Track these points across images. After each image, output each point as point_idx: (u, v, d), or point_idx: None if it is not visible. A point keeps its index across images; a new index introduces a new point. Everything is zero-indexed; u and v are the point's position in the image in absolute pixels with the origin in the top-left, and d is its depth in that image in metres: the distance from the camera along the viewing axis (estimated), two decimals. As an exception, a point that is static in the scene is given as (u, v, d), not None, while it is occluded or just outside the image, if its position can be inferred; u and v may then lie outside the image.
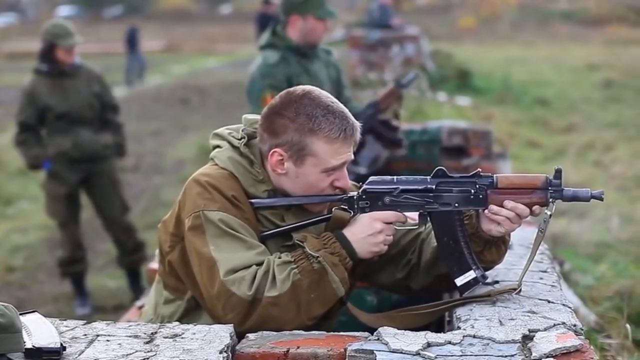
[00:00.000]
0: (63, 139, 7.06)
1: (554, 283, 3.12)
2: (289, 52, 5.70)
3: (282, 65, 5.65)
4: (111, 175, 7.41)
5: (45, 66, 7.11)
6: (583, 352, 2.50)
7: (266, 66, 5.66)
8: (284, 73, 5.61)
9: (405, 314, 3.04)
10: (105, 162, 7.33)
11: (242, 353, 2.59)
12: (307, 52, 5.76)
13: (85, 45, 29.93)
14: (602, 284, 6.49)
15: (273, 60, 5.68)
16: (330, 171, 2.94)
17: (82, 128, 7.13)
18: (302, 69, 5.70)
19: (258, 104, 5.35)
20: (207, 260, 2.84)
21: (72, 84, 7.14)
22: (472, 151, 6.97)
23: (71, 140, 7.07)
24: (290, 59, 5.68)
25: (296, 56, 5.72)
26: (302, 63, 5.73)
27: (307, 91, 2.97)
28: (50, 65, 7.09)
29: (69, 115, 7.08)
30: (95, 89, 7.25)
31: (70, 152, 7.07)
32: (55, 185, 7.15)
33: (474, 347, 2.53)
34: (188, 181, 2.98)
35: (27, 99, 7.09)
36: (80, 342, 2.56)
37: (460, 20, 40.08)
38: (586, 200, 2.86)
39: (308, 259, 2.84)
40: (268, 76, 5.61)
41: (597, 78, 20.28)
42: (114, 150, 7.37)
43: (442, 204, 2.92)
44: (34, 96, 7.06)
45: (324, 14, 5.75)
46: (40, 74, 7.14)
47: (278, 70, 5.62)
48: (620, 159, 12.26)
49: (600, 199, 2.84)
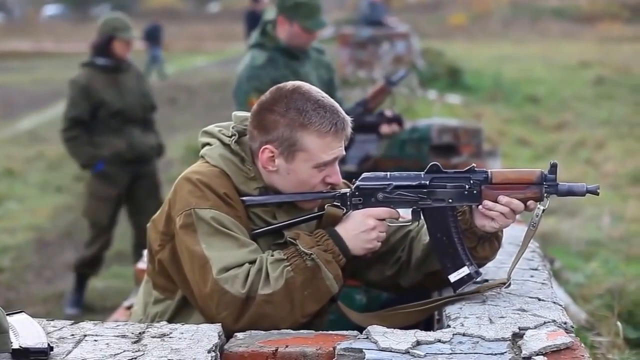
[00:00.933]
0: (117, 139, 6.89)
1: (545, 281, 3.11)
2: (277, 53, 5.60)
3: (269, 68, 5.56)
4: (155, 177, 7.31)
5: (103, 60, 6.90)
6: (573, 349, 2.49)
7: (253, 68, 5.59)
8: (270, 76, 5.51)
9: (394, 312, 3.02)
10: (150, 164, 7.23)
11: (231, 352, 2.57)
12: (296, 54, 5.66)
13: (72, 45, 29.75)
14: (593, 282, 6.48)
15: (260, 62, 5.59)
16: (321, 167, 2.92)
17: (133, 127, 6.98)
18: (290, 71, 5.58)
19: (244, 107, 5.28)
20: (199, 258, 2.82)
21: (125, 80, 6.97)
22: (462, 149, 6.96)
23: (125, 140, 6.91)
24: (279, 61, 5.59)
25: (284, 57, 5.62)
26: (290, 65, 5.63)
27: (297, 86, 2.97)
28: (107, 59, 6.90)
29: (122, 114, 6.90)
30: (142, 88, 7.13)
31: (124, 153, 6.90)
32: (105, 186, 6.98)
33: (463, 345, 2.51)
34: (178, 179, 2.96)
35: (80, 93, 6.81)
36: (67, 342, 2.54)
37: (451, 17, 40.10)
38: (582, 195, 2.84)
39: (301, 256, 2.83)
40: (254, 78, 5.54)
41: (588, 75, 20.29)
42: (156, 151, 7.27)
43: (435, 200, 2.90)
44: (89, 90, 6.80)
45: (312, 26, 5.57)
46: (94, 68, 6.91)
47: (264, 73, 5.54)
48: (611, 156, 12.28)
49: (596, 193, 2.82)
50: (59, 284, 7.66)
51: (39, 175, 12.08)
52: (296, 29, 5.56)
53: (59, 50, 30.07)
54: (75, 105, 6.83)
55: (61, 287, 7.53)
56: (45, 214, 10.00)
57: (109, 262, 8.18)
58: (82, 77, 6.90)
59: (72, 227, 9.46)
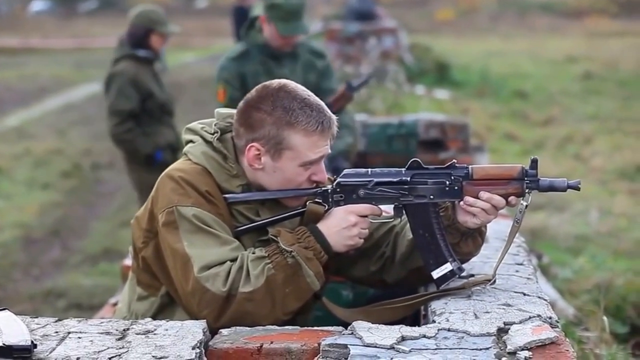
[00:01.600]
0: (166, 129, 6.85)
1: (530, 276, 3.11)
2: (256, 49, 5.61)
3: (240, 61, 5.56)
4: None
5: (143, 51, 6.79)
6: (558, 344, 2.49)
7: (226, 59, 5.64)
8: (237, 70, 5.52)
9: (380, 308, 3.03)
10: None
11: (216, 349, 2.57)
12: (276, 54, 5.61)
13: (59, 41, 29.58)
14: (581, 277, 6.49)
15: (234, 54, 5.63)
16: (308, 165, 2.92)
17: (171, 118, 6.94)
18: (263, 68, 5.56)
19: (216, 96, 5.32)
20: (181, 256, 2.82)
21: (157, 73, 6.91)
22: (450, 144, 6.98)
23: (172, 130, 6.86)
24: (254, 56, 5.58)
25: (262, 55, 5.60)
26: (266, 62, 5.60)
27: (282, 84, 2.96)
28: (147, 50, 6.80)
29: (165, 105, 6.86)
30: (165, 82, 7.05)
31: (174, 143, 6.83)
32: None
33: (448, 340, 2.52)
34: (161, 176, 2.96)
35: (131, 86, 6.67)
36: (51, 340, 2.54)
37: (438, 12, 40.06)
38: (563, 190, 2.84)
39: (282, 253, 2.82)
40: (224, 69, 5.59)
41: (576, 70, 20.30)
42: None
43: (417, 196, 2.90)
44: (138, 82, 6.70)
45: (284, 31, 5.49)
46: (136, 60, 6.79)
47: (234, 65, 5.56)
48: (599, 151, 12.29)
49: (577, 188, 2.82)
50: (46, 282, 7.63)
51: (26, 172, 12.02)
52: (274, 30, 5.52)
53: (46, 46, 29.95)
54: (126, 98, 6.68)
55: (48, 285, 7.50)
56: (32, 211, 9.95)
57: (97, 259, 8.17)
58: (128, 69, 6.75)
59: (59, 224, 9.43)
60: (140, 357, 2.40)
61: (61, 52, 28.49)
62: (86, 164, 12.41)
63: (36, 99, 18.73)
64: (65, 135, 14.45)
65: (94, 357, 2.41)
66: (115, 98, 6.71)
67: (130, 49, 6.82)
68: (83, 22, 41.86)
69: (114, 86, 6.72)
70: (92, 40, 30.99)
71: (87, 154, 13.00)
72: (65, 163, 12.36)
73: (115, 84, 6.73)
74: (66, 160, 12.54)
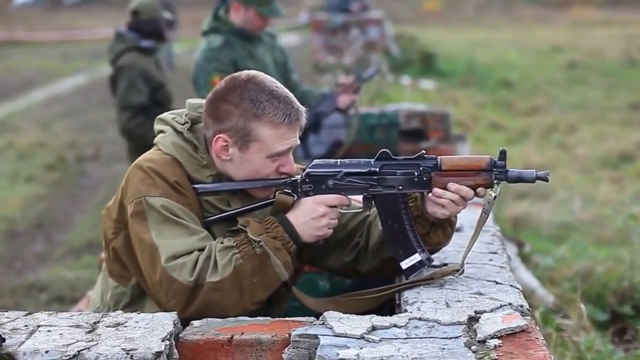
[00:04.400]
0: None
1: (503, 264, 3.11)
2: (233, 36, 5.70)
3: (226, 49, 5.65)
4: None
5: (147, 42, 6.72)
6: (528, 332, 2.49)
7: (210, 50, 5.66)
8: (229, 56, 5.61)
9: (350, 299, 3.03)
10: None
11: (186, 340, 2.56)
12: (250, 36, 5.76)
13: (43, 33, 29.47)
14: (562, 265, 6.51)
15: (217, 44, 5.67)
16: (275, 157, 2.91)
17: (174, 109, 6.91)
18: (246, 52, 5.70)
19: (206, 89, 5.30)
20: (148, 246, 2.81)
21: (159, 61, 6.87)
22: (431, 134, 6.98)
23: None
24: (235, 43, 5.67)
25: (240, 40, 5.71)
26: (246, 47, 5.73)
27: (251, 76, 2.94)
28: (151, 41, 6.73)
29: (169, 96, 6.80)
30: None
31: None
32: None
33: (419, 329, 2.51)
34: (131, 167, 2.95)
35: (141, 78, 6.62)
36: (20, 334, 2.52)
37: (425, 3, 40.04)
38: (531, 182, 2.84)
39: (250, 243, 2.82)
40: (213, 60, 5.61)
41: (561, 60, 20.34)
42: None
43: (386, 187, 2.90)
44: (147, 75, 6.65)
45: (267, 13, 5.74)
46: (141, 51, 6.71)
47: (223, 54, 5.62)
48: (583, 140, 12.32)
49: (546, 179, 2.82)
50: (29, 275, 7.61)
51: (9, 166, 11.99)
52: (251, 14, 5.70)
53: (30, 39, 29.84)
54: (138, 91, 6.62)
55: (31, 278, 7.48)
56: (16, 205, 9.91)
57: (80, 252, 8.14)
58: (137, 61, 6.69)
59: (42, 217, 9.40)
60: (109, 350, 2.39)
61: (46, 45, 28.39)
62: (70, 156, 12.37)
63: (21, 92, 18.66)
64: (50, 128, 14.39)
65: (63, 351, 2.39)
66: (125, 91, 6.64)
67: (136, 39, 6.74)
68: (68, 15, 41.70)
69: (124, 79, 6.65)
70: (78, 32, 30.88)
71: (71, 146, 12.96)
72: (49, 156, 12.31)
73: (124, 77, 6.65)
74: (50, 153, 12.50)
